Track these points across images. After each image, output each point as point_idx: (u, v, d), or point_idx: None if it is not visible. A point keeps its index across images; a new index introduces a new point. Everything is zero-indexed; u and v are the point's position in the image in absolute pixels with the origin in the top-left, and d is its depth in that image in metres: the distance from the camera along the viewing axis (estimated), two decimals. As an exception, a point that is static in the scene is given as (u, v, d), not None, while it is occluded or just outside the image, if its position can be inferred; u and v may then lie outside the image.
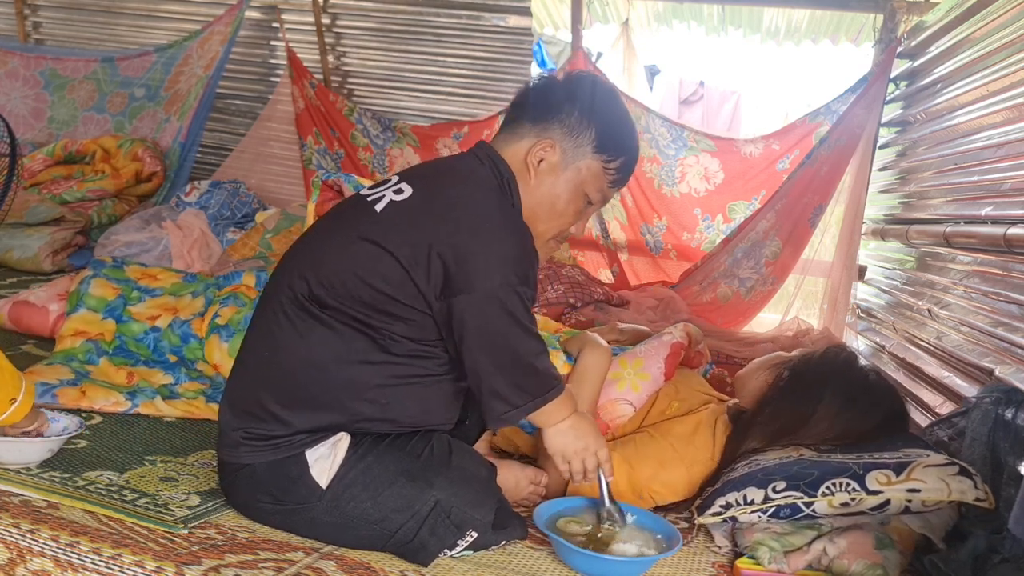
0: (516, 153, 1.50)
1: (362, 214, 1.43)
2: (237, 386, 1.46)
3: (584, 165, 1.50)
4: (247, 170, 4.39)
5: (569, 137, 1.49)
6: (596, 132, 1.49)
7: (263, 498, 1.40)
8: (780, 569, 1.48)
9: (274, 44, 4.57)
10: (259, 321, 1.46)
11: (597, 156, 1.49)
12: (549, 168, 1.49)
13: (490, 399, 1.39)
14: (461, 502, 1.39)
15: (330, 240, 1.44)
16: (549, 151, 1.48)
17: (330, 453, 1.38)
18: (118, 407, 1.93)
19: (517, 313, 1.35)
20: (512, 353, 1.38)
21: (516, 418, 1.40)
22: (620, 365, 1.84)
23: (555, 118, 1.49)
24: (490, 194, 1.45)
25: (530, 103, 1.52)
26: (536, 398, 1.40)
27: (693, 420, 1.73)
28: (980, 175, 2.43)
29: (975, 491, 1.42)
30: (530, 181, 1.49)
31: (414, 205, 1.41)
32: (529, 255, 1.40)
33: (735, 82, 7.07)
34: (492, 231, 1.37)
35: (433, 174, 1.53)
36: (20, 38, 4.91)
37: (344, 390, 1.39)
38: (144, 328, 2.24)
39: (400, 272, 1.35)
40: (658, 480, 1.65)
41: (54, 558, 1.24)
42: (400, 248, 1.35)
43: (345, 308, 1.37)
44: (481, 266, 1.33)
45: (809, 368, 1.77)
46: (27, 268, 3.32)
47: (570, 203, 1.52)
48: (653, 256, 3.97)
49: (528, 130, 1.50)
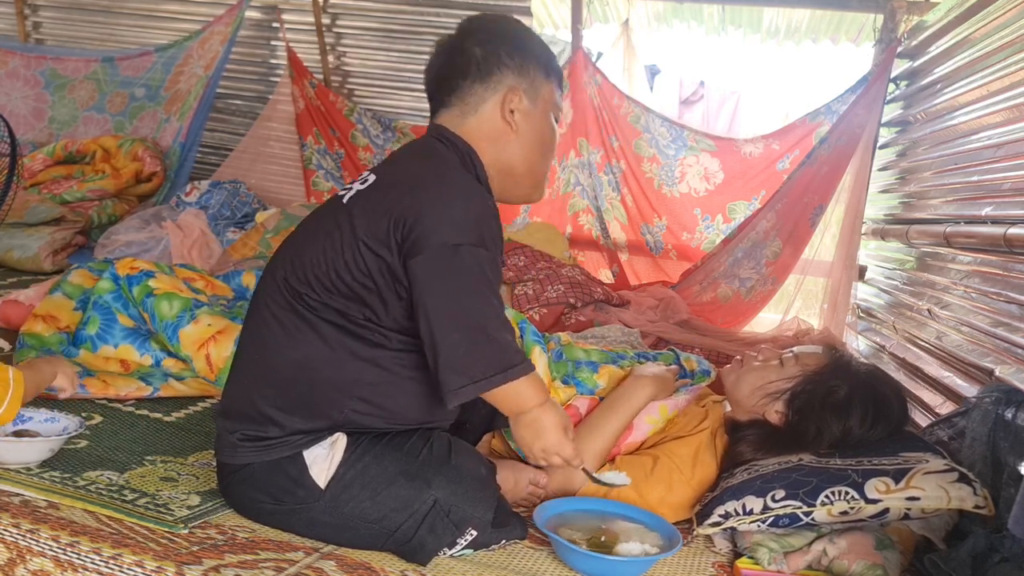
0: (483, 119, 1.49)
1: (334, 209, 1.45)
2: (232, 390, 1.46)
3: (545, 93, 1.52)
4: (247, 170, 4.39)
5: (523, 76, 1.49)
6: (537, 60, 1.50)
7: (262, 498, 1.41)
8: (780, 569, 1.48)
9: (274, 44, 4.57)
10: (250, 324, 1.47)
11: (548, 80, 1.52)
12: (524, 114, 1.50)
13: (446, 370, 1.31)
14: (460, 500, 1.38)
15: (307, 239, 1.44)
16: (516, 99, 1.48)
17: (328, 453, 1.38)
18: (142, 392, 2.04)
19: (472, 273, 1.31)
20: (468, 317, 1.31)
21: (472, 393, 1.33)
22: (660, 412, 1.79)
23: (499, 65, 1.47)
24: (449, 166, 1.44)
25: (461, 66, 1.49)
26: (496, 373, 1.32)
27: (694, 442, 1.70)
28: (980, 175, 2.43)
29: (974, 498, 1.42)
30: (514, 133, 1.50)
31: (376, 188, 1.42)
32: (489, 219, 1.37)
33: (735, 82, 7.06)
34: (448, 195, 1.35)
35: (396, 157, 1.54)
36: (20, 38, 4.91)
37: (336, 389, 1.39)
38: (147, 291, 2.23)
39: (370, 254, 1.34)
40: (666, 504, 1.63)
41: (54, 558, 1.24)
42: (366, 230, 1.35)
43: (330, 304, 1.37)
44: (433, 225, 1.31)
45: (826, 399, 1.69)
46: (27, 268, 3.32)
47: (552, 132, 1.56)
48: (653, 256, 3.96)
49: (481, 92, 1.48)
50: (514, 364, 1.34)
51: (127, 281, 2.22)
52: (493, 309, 1.34)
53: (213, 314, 2.18)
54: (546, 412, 1.43)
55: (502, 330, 1.34)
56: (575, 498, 1.62)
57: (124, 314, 2.22)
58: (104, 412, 1.92)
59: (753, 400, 1.76)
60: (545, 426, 1.43)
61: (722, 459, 1.72)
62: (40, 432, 1.60)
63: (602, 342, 2.55)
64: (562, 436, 1.44)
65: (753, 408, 1.77)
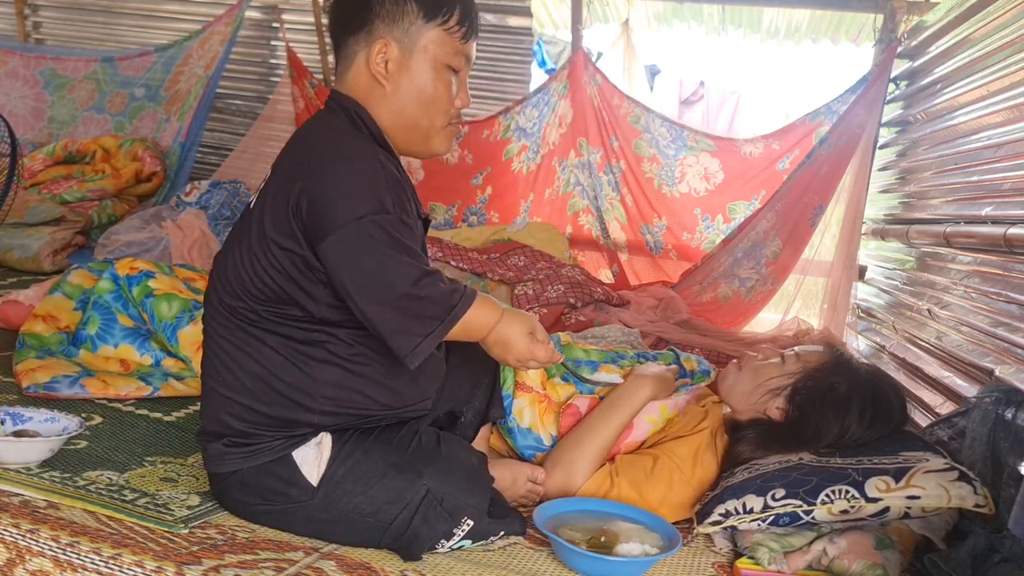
0: (358, 75, 1.42)
1: (244, 220, 1.43)
2: (206, 414, 1.47)
3: (426, 41, 1.40)
4: (247, 170, 4.38)
5: (395, 25, 1.39)
6: (416, 4, 1.38)
7: (255, 501, 1.41)
8: (780, 569, 1.48)
9: (274, 44, 4.58)
10: (206, 348, 1.47)
11: (432, 24, 1.40)
12: (396, 66, 1.40)
13: (394, 337, 1.31)
14: (453, 489, 1.39)
15: (227, 253, 1.43)
16: (385, 50, 1.39)
17: (316, 452, 1.39)
18: (141, 392, 2.03)
19: (380, 243, 1.28)
20: (390, 287, 1.29)
21: (427, 347, 1.33)
22: (659, 411, 1.80)
23: (371, 16, 1.39)
24: (332, 133, 1.39)
25: (341, 17, 1.43)
26: (438, 322, 1.32)
27: (694, 442, 1.70)
28: (980, 175, 2.43)
29: (974, 497, 1.42)
30: (387, 89, 1.41)
31: (271, 184, 1.39)
32: (381, 179, 1.31)
33: (735, 82, 7.06)
34: (334, 168, 1.31)
35: (286, 147, 1.46)
36: (20, 38, 4.91)
37: (301, 392, 1.38)
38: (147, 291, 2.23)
39: (280, 251, 1.33)
40: (666, 504, 1.63)
41: (54, 558, 1.24)
42: (272, 226, 1.33)
43: (266, 312, 1.37)
44: (329, 207, 1.28)
45: (827, 395, 1.70)
46: (27, 268, 3.32)
47: (437, 84, 1.43)
48: (653, 256, 3.96)
49: (354, 44, 1.42)
50: (453, 305, 1.34)
51: (127, 281, 2.22)
52: (413, 270, 1.30)
53: None
54: (506, 325, 1.43)
55: (429, 284, 1.32)
56: (575, 498, 1.62)
57: (124, 314, 2.22)
58: (104, 412, 1.92)
59: (754, 397, 1.76)
60: (510, 337, 1.43)
61: (722, 459, 1.72)
62: (40, 432, 1.60)
63: (602, 342, 2.54)
64: (529, 341, 1.45)
65: (754, 406, 1.77)
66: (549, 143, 3.99)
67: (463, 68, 1.46)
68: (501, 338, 1.44)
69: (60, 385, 1.95)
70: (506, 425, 1.77)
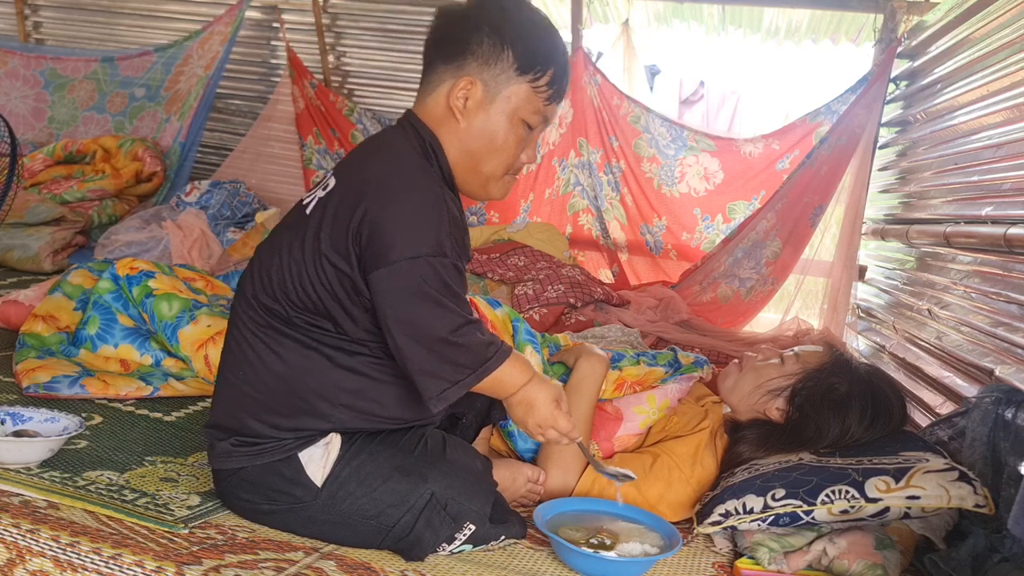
0: (436, 102, 1.41)
1: (297, 221, 1.42)
2: (218, 406, 1.46)
3: (511, 92, 1.39)
4: (247, 170, 4.39)
5: (487, 68, 1.38)
6: (513, 54, 1.37)
7: (258, 500, 1.41)
8: (780, 569, 1.48)
9: (274, 44, 4.57)
10: (229, 342, 1.47)
11: (522, 79, 1.39)
12: (476, 106, 1.39)
13: (423, 378, 1.32)
14: (456, 494, 1.39)
15: (273, 253, 1.42)
16: (470, 88, 1.38)
17: (323, 453, 1.39)
18: (141, 392, 2.03)
19: (430, 287, 1.29)
20: (429, 329, 1.30)
21: (453, 395, 1.33)
22: (648, 402, 1.81)
23: (467, 51, 1.38)
24: (405, 162, 1.38)
25: (439, 42, 1.42)
26: (470, 372, 1.33)
27: (694, 442, 1.70)
28: (980, 175, 2.43)
29: (974, 497, 1.43)
30: (460, 125, 1.40)
31: (335, 196, 1.37)
32: (445, 221, 1.31)
33: (735, 82, 7.05)
34: (402, 201, 1.30)
35: (355, 157, 1.46)
36: (20, 38, 4.91)
37: (321, 397, 1.39)
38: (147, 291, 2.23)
39: (331, 269, 1.33)
40: (665, 501, 1.63)
41: (54, 558, 1.24)
42: (329, 243, 1.33)
43: (301, 319, 1.37)
44: (388, 239, 1.28)
45: (827, 396, 1.70)
46: (27, 268, 3.32)
47: (509, 135, 1.42)
48: (653, 256, 3.96)
49: (443, 72, 1.40)
50: (487, 358, 1.34)
51: (127, 281, 2.22)
52: (456, 318, 1.31)
53: (212, 315, 2.18)
54: (534, 388, 1.41)
55: (469, 333, 1.33)
56: (575, 498, 1.62)
57: (124, 314, 2.22)
58: (104, 412, 1.92)
59: (754, 398, 1.76)
60: (535, 402, 1.41)
61: (722, 459, 1.72)
62: (40, 432, 1.60)
63: (602, 342, 2.55)
64: (553, 409, 1.42)
65: (754, 406, 1.77)
66: (549, 143, 3.99)
67: (539, 127, 1.46)
68: (527, 399, 1.41)
69: (60, 385, 1.95)
70: (507, 428, 1.77)
